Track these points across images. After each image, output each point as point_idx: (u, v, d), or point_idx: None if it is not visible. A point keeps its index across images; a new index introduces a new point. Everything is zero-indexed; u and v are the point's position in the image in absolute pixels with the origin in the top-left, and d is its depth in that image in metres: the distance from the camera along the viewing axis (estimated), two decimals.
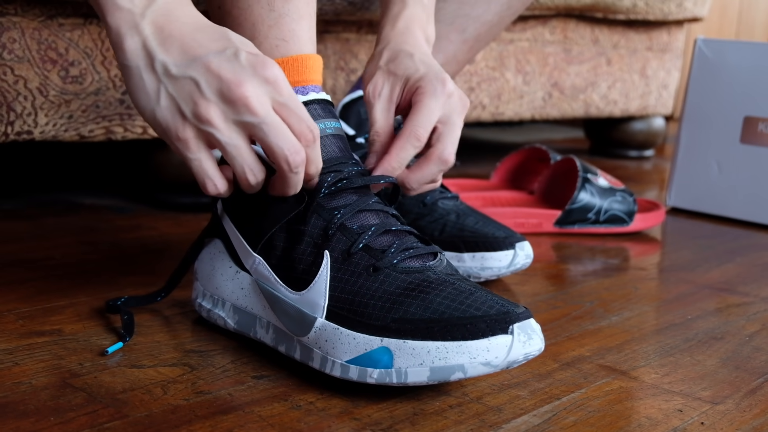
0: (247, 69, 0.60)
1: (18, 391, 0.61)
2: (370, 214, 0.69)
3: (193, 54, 0.61)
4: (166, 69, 0.61)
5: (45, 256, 0.95)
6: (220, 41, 0.61)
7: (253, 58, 0.61)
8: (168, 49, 0.61)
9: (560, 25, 1.77)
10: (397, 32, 0.84)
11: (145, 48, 0.61)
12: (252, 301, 0.71)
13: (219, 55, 0.60)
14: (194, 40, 0.61)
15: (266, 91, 0.61)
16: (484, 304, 0.61)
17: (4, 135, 1.01)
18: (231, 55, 0.60)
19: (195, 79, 0.60)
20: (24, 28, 1.00)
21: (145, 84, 0.62)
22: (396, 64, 0.80)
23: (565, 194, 1.26)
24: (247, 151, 0.62)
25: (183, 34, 0.61)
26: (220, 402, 0.62)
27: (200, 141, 0.62)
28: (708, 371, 0.74)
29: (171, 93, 0.61)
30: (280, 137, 0.61)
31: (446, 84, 0.77)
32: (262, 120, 0.60)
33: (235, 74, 0.60)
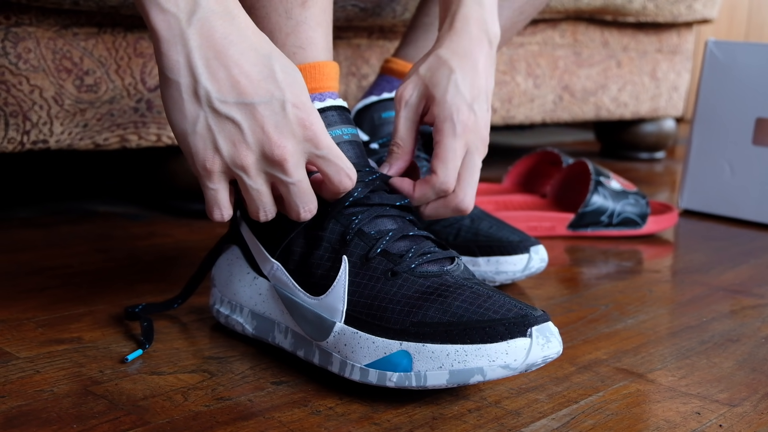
0: (292, 125, 0.61)
1: (40, 398, 0.62)
2: (387, 219, 0.69)
3: (240, 93, 0.60)
4: (209, 100, 0.60)
5: (62, 264, 0.96)
6: (267, 83, 0.61)
7: (298, 112, 0.61)
8: (214, 77, 0.60)
9: (570, 28, 1.77)
10: (453, 33, 0.81)
11: (189, 65, 0.59)
12: (270, 306, 0.72)
13: (266, 105, 0.60)
14: (242, 76, 0.60)
15: (305, 148, 0.62)
16: (503, 307, 0.61)
17: (20, 144, 1.01)
18: (278, 108, 0.61)
19: (239, 124, 0.60)
20: (39, 37, 1.00)
21: (184, 105, 0.61)
22: (433, 76, 0.79)
23: (578, 197, 1.26)
24: (267, 195, 0.64)
25: (229, 59, 0.60)
26: (240, 408, 0.62)
27: (224, 175, 0.63)
28: (725, 373, 0.74)
29: (210, 125, 0.61)
30: (300, 198, 0.64)
31: (466, 119, 0.77)
32: (292, 182, 0.62)
33: (279, 132, 0.61)
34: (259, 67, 0.61)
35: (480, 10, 0.82)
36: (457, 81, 0.78)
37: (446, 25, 0.82)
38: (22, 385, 0.64)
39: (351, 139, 0.71)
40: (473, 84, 0.79)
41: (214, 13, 0.59)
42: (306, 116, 0.62)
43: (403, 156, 0.79)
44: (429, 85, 0.78)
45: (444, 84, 0.78)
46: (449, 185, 0.76)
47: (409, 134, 0.79)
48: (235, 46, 0.60)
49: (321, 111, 0.70)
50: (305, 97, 0.62)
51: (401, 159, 0.79)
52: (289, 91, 0.61)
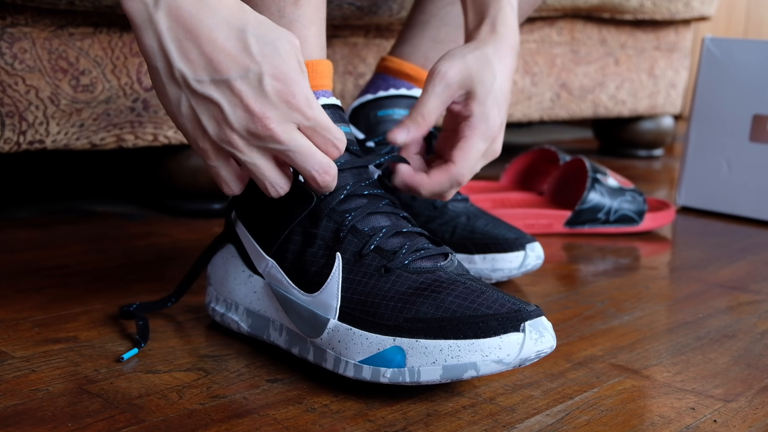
0: (272, 98, 0.60)
1: (35, 398, 0.62)
2: (380, 216, 0.69)
3: (214, 70, 0.59)
4: (186, 81, 0.60)
5: (59, 264, 0.96)
6: (241, 58, 0.59)
7: (277, 84, 0.60)
8: (187, 57, 0.59)
9: (567, 26, 1.77)
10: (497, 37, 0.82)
11: (162, 49, 0.59)
12: (265, 304, 0.72)
13: (243, 79, 0.59)
14: (215, 53, 0.59)
15: (292, 118, 0.61)
16: (496, 302, 0.62)
17: (16, 144, 1.02)
18: (255, 81, 0.59)
19: (218, 102, 0.60)
20: (35, 38, 1.00)
21: (165, 88, 0.61)
22: (480, 73, 0.79)
23: (575, 195, 1.26)
24: (269, 168, 0.63)
25: (200, 37, 0.59)
26: (235, 406, 0.62)
27: (220, 152, 0.63)
28: (720, 369, 0.74)
29: (193, 105, 0.61)
30: (307, 160, 0.62)
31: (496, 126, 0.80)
32: (288, 148, 0.61)
33: (261, 106, 0.60)
34: (232, 42, 0.59)
35: (514, 19, 0.85)
36: (497, 86, 0.80)
37: (487, 27, 0.83)
38: (17, 384, 0.64)
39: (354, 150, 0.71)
40: (506, 92, 0.82)
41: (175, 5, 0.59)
42: (285, 88, 0.60)
43: (423, 128, 0.79)
44: (474, 79, 0.79)
45: (489, 85, 0.79)
46: (465, 179, 0.79)
47: (436, 111, 0.79)
48: (205, 23, 0.59)
49: None
50: (286, 67, 0.60)
51: (420, 130, 0.79)
52: (267, 62, 0.60)
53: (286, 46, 0.61)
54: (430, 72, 0.79)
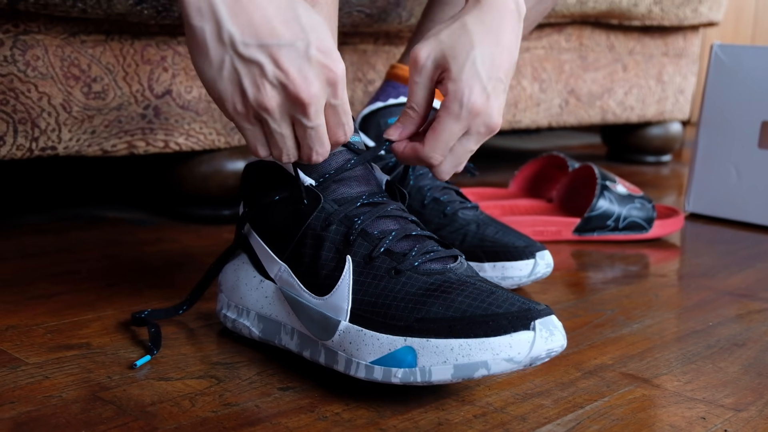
0: (315, 69, 0.61)
1: (49, 404, 0.62)
2: (389, 220, 0.70)
3: (262, 35, 0.60)
4: (233, 42, 0.60)
5: (71, 270, 0.96)
6: (290, 26, 0.61)
7: (322, 57, 0.61)
8: (237, 20, 0.60)
9: (576, 32, 1.77)
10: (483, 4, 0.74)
11: (212, 10, 0.60)
12: (276, 308, 0.72)
13: (290, 48, 0.61)
14: (265, 19, 0.60)
15: (326, 93, 0.63)
16: (506, 301, 0.62)
17: (28, 151, 1.02)
18: (302, 51, 0.61)
19: (263, 66, 0.61)
20: (47, 45, 1.01)
21: (209, 50, 0.61)
22: (454, 47, 0.73)
23: (584, 202, 1.26)
24: (291, 139, 0.65)
25: (251, 3, 0.60)
26: (247, 414, 0.62)
27: (255, 117, 0.64)
28: (730, 378, 0.74)
29: (237, 67, 0.61)
30: (316, 142, 0.65)
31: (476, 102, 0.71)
32: (311, 125, 0.63)
33: (303, 74, 0.61)
34: (282, 11, 0.61)
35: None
36: (476, 58, 0.72)
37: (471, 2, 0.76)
38: (31, 391, 0.64)
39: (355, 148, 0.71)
40: (494, 62, 0.73)
41: None
42: (330, 62, 0.62)
43: (416, 120, 0.75)
44: (447, 56, 0.72)
45: (462, 59, 0.72)
46: (434, 161, 0.73)
47: (423, 99, 0.75)
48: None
49: None
50: (330, 42, 0.62)
51: (413, 123, 0.75)
52: (314, 35, 0.61)
53: (326, 26, 0.63)
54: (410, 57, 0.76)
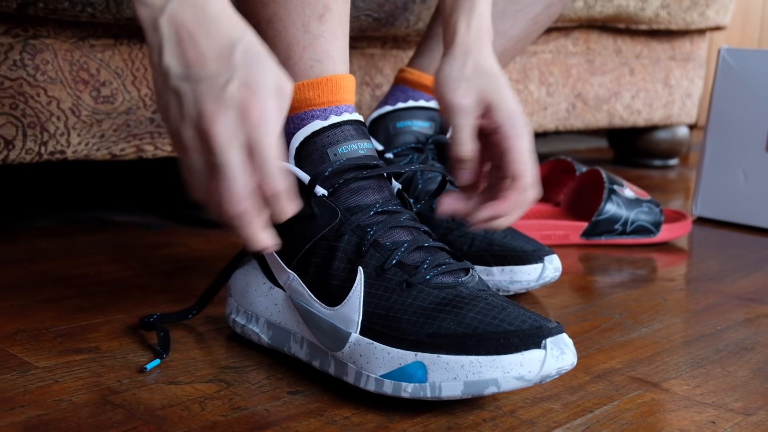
0: (230, 103, 0.57)
1: (59, 408, 0.62)
2: (402, 230, 0.70)
3: (189, 67, 0.59)
4: (168, 74, 0.60)
5: (79, 273, 0.97)
6: (219, 61, 0.58)
7: (242, 94, 0.57)
8: (175, 54, 0.59)
9: (583, 36, 1.77)
10: (473, 35, 0.82)
11: (160, 48, 0.60)
12: (286, 316, 0.72)
13: (209, 81, 0.58)
14: (198, 53, 0.59)
15: (238, 128, 0.57)
16: (517, 318, 0.62)
17: (38, 155, 1.03)
18: (220, 85, 0.58)
19: (182, 96, 0.59)
20: (56, 49, 1.01)
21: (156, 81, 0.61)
22: (487, 82, 0.79)
23: (591, 206, 1.26)
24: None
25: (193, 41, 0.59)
26: (257, 418, 0.62)
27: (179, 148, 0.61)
28: (739, 382, 0.74)
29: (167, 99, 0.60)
30: (224, 184, 0.58)
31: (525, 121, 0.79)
32: (219, 162, 0.57)
33: (214, 107, 0.57)
34: (219, 49, 0.59)
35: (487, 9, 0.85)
36: (504, 85, 0.79)
37: (463, 23, 0.82)
38: (41, 395, 0.64)
39: (367, 154, 0.71)
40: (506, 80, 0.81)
41: (185, 3, 0.59)
42: (249, 97, 0.57)
43: (474, 166, 0.78)
44: (485, 90, 0.78)
45: (501, 89, 0.78)
46: (535, 182, 0.78)
47: (473, 142, 0.77)
48: (205, 28, 0.59)
49: (337, 125, 0.70)
50: (262, 80, 0.58)
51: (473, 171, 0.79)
52: (243, 71, 0.58)
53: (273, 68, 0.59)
54: (442, 106, 0.79)
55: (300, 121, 0.71)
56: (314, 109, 0.71)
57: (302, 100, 0.71)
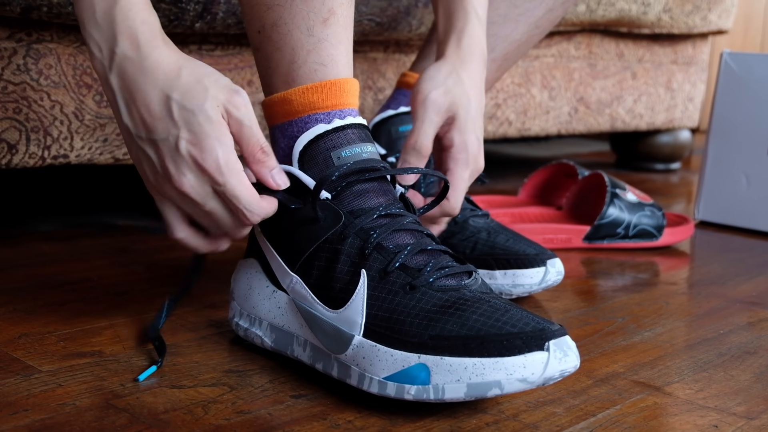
0: (187, 160, 0.65)
1: (63, 412, 0.62)
2: (405, 233, 0.70)
3: (147, 130, 0.66)
4: (130, 134, 0.67)
5: (82, 277, 0.97)
6: (164, 121, 0.65)
7: (190, 149, 0.65)
8: (130, 115, 0.66)
9: (585, 40, 1.77)
10: (463, 53, 0.87)
11: (116, 104, 0.67)
12: (289, 319, 0.72)
13: (164, 141, 0.65)
14: (147, 115, 0.66)
15: (204, 180, 0.66)
16: (520, 321, 0.62)
17: (41, 159, 1.03)
18: (173, 144, 0.65)
19: (151, 158, 0.67)
20: (60, 54, 1.02)
21: (122, 134, 0.69)
22: (459, 98, 0.84)
23: (594, 209, 1.26)
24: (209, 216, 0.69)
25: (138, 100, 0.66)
26: (260, 421, 0.63)
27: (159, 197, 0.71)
28: (742, 386, 0.74)
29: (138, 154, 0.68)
30: (212, 225, 0.70)
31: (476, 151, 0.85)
32: (200, 207, 0.68)
33: (176, 167, 0.66)
34: (160, 106, 0.65)
35: (480, 30, 0.89)
36: (473, 109, 0.85)
37: (453, 42, 0.88)
38: (44, 399, 0.64)
39: (370, 158, 0.72)
40: (480, 113, 0.87)
41: (126, 59, 0.66)
42: (198, 153, 0.65)
43: (425, 159, 0.83)
44: (457, 104, 0.84)
45: (466, 109, 0.85)
46: (456, 211, 0.85)
47: (428, 142, 0.83)
48: (142, 87, 0.66)
49: (341, 129, 0.71)
50: (202, 134, 0.65)
51: (423, 161, 0.83)
52: (185, 127, 0.65)
53: (209, 112, 0.65)
54: (417, 98, 0.84)
55: (304, 125, 0.71)
56: (318, 112, 0.71)
57: (306, 104, 0.71)
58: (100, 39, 0.66)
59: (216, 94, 0.66)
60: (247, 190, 0.67)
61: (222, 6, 1.05)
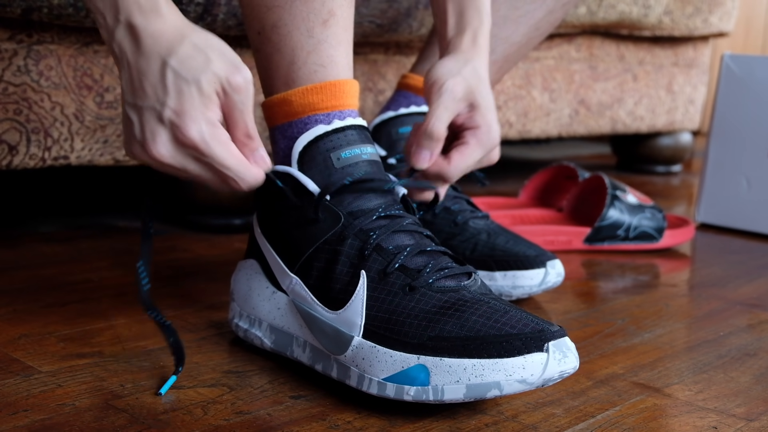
0: (167, 130, 0.64)
1: (62, 412, 0.62)
2: (404, 234, 0.70)
3: (135, 95, 0.65)
4: (124, 98, 0.66)
5: (83, 278, 0.97)
6: (155, 89, 0.64)
7: (174, 119, 0.63)
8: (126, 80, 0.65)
9: (586, 42, 1.77)
10: (478, 49, 0.87)
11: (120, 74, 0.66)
12: (289, 320, 0.72)
13: (150, 109, 0.64)
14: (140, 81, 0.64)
15: (184, 152, 0.65)
16: (519, 322, 0.62)
17: (41, 160, 1.03)
18: (158, 113, 0.64)
19: (133, 123, 0.65)
20: (60, 55, 1.02)
21: None
22: (478, 85, 0.84)
23: (594, 211, 1.26)
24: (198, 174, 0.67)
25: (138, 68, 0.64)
26: (259, 422, 0.63)
27: None
28: (742, 388, 0.74)
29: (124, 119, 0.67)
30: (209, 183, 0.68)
31: (496, 134, 0.85)
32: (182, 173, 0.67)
33: (152, 136, 0.64)
34: (156, 75, 0.64)
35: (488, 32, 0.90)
36: (491, 100, 0.85)
37: (468, 38, 0.87)
38: (44, 399, 0.64)
39: (370, 159, 0.72)
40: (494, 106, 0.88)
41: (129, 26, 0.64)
42: (180, 123, 0.63)
43: (440, 144, 0.83)
44: (475, 93, 0.84)
45: (486, 96, 0.85)
46: (452, 180, 0.85)
47: (444, 128, 0.82)
48: (144, 53, 0.64)
49: (341, 130, 0.71)
50: (188, 105, 0.63)
51: (438, 148, 0.83)
52: (174, 96, 0.64)
53: (202, 84, 0.64)
54: (433, 86, 0.84)
55: (303, 126, 0.71)
56: (318, 113, 0.71)
57: (306, 105, 0.71)
58: (104, 6, 0.64)
59: (217, 68, 0.64)
60: (236, 158, 0.66)
61: (222, 8, 1.05)
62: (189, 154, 0.65)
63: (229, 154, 0.65)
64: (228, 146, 0.65)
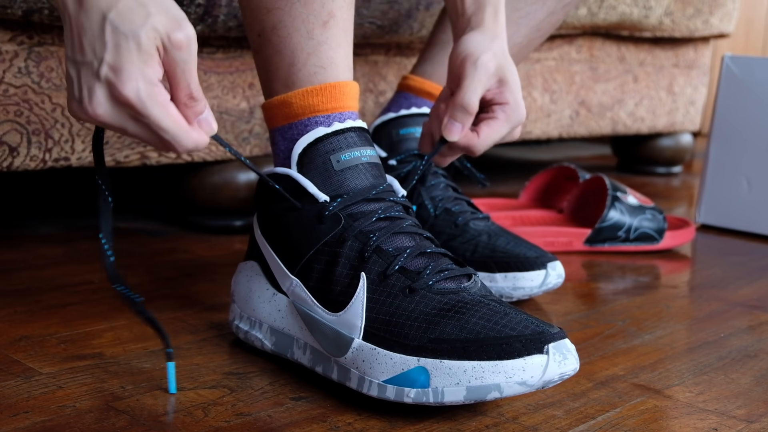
0: (104, 87, 0.60)
1: (63, 414, 0.62)
2: (404, 236, 0.70)
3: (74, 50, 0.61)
4: (66, 55, 0.62)
5: (83, 280, 0.97)
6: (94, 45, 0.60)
7: (111, 76, 0.60)
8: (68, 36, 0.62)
9: (586, 43, 1.77)
10: (500, 26, 0.88)
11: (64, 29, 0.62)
12: (289, 322, 0.72)
13: (87, 64, 0.60)
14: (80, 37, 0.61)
15: (122, 111, 0.61)
16: (519, 324, 0.62)
17: (42, 162, 1.03)
18: (95, 69, 0.60)
19: (72, 79, 0.62)
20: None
21: None
22: (505, 63, 0.84)
23: (595, 213, 1.26)
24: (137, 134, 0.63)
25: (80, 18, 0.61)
26: (260, 424, 0.63)
27: None
28: (742, 389, 0.74)
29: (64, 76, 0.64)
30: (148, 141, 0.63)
31: (523, 117, 0.86)
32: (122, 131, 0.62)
33: (90, 92, 0.60)
34: (95, 29, 0.60)
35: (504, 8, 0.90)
36: (517, 76, 0.85)
37: (490, 13, 0.87)
38: (45, 401, 0.65)
39: (370, 161, 0.72)
40: None
41: None
42: (117, 81, 0.60)
43: (472, 118, 0.83)
44: (504, 69, 0.84)
45: (514, 73, 0.85)
46: (478, 153, 0.85)
47: (477, 99, 0.83)
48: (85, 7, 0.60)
49: (340, 132, 0.71)
50: (125, 61, 0.60)
51: (470, 120, 0.83)
52: (111, 51, 0.60)
53: (141, 39, 0.60)
54: (466, 60, 0.83)
55: (303, 128, 0.72)
56: (317, 115, 0.71)
57: (306, 107, 0.71)
58: None
59: (157, 23, 0.60)
60: (173, 120, 0.62)
61: (223, 9, 1.05)
62: (127, 113, 0.61)
63: (166, 115, 0.61)
64: (166, 107, 0.61)
